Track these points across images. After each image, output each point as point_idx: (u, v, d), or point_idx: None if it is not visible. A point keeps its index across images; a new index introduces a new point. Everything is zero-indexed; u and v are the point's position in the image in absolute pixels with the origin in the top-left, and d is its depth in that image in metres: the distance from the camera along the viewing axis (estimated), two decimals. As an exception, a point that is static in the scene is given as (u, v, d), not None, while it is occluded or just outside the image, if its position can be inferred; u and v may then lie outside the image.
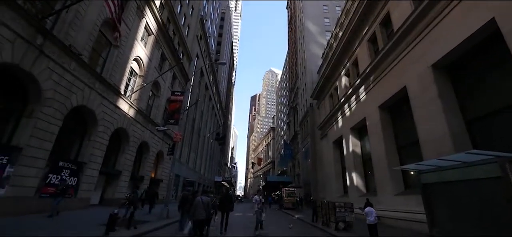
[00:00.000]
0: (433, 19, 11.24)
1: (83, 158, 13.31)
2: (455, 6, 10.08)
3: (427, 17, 11.61)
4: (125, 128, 16.93)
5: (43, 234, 6.84)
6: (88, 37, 13.04)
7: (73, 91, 11.98)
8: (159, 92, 23.27)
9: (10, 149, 9.07)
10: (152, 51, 21.01)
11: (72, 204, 12.13)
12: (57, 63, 10.87)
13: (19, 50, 9.16)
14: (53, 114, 10.76)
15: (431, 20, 11.36)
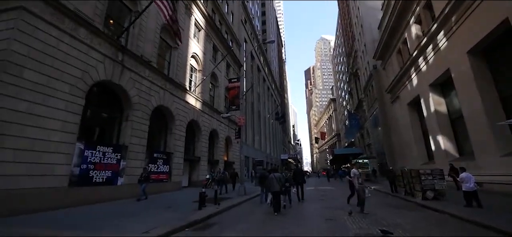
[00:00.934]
0: None
1: (169, 149, 15.77)
2: None
3: None
4: (196, 119, 19.02)
5: (152, 212, 8.48)
6: (153, 45, 14.87)
7: (151, 94, 14.06)
8: (217, 82, 24.91)
9: (120, 147, 11.52)
10: (204, 45, 22.44)
11: (168, 187, 14.73)
12: (136, 72, 12.87)
13: (109, 68, 11.23)
14: (141, 116, 12.97)
15: None
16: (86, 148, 9.67)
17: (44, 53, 8.49)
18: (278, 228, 6.84)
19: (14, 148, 7.21)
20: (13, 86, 7.48)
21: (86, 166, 9.53)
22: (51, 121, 8.34)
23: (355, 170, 9.38)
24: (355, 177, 8.97)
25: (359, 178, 8.85)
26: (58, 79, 8.84)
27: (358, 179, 8.80)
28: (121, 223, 6.61)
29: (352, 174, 9.37)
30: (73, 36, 9.60)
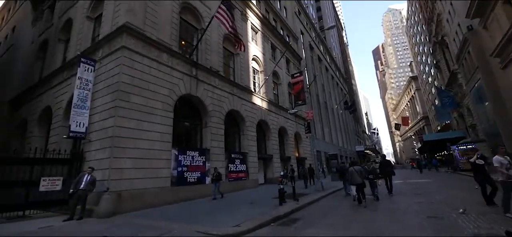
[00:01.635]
0: None
1: (244, 149, 16.72)
2: None
3: None
4: (264, 119, 19.53)
5: (238, 208, 9.02)
6: (218, 56, 16.12)
7: (222, 100, 15.23)
8: (279, 80, 24.93)
9: (204, 151, 12.95)
10: (262, 46, 22.87)
11: (247, 184, 15.59)
12: (208, 83, 14.21)
13: (187, 83, 12.79)
14: (217, 121, 14.22)
15: None
16: (179, 153, 11.28)
17: (141, 80, 10.37)
18: (369, 223, 6.06)
19: (131, 157, 9.04)
20: (124, 109, 9.41)
21: (181, 168, 11.12)
22: (152, 134, 10.09)
23: (500, 157, 6.40)
24: (502, 166, 6.20)
25: (508, 168, 6.13)
26: (153, 99, 10.63)
27: (508, 169, 6.10)
28: (213, 217, 7.26)
29: (496, 163, 6.38)
30: (159, 62, 11.39)
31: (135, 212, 8.20)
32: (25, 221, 7.01)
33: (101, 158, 8.67)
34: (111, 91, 9.65)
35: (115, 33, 10.38)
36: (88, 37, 12.91)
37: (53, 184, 7.66)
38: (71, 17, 14.18)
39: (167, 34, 12.43)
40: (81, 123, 9.14)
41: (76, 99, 9.39)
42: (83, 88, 9.72)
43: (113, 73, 9.97)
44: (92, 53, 11.22)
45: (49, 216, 7.73)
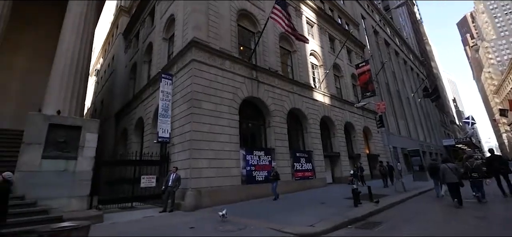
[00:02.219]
0: None
1: (308, 147, 16.22)
2: None
3: None
4: (327, 115, 18.49)
5: (309, 207, 8.72)
6: (275, 55, 16.14)
7: (283, 99, 15.16)
8: (341, 72, 23.16)
9: (269, 150, 13.17)
10: (320, 39, 21.71)
11: (314, 183, 15.02)
12: (268, 84, 14.40)
13: (249, 86, 13.28)
14: (279, 120, 14.24)
15: None
16: (247, 153, 11.81)
17: (210, 87, 11.35)
18: (475, 231, 4.82)
19: (206, 157, 9.98)
20: (198, 115, 10.47)
21: (249, 168, 11.60)
22: (223, 136, 10.89)
23: None
24: None
25: None
26: (221, 104, 11.48)
27: None
28: (284, 216, 7.20)
29: None
30: (223, 69, 12.24)
31: (213, 207, 8.97)
32: (132, 211, 8.66)
33: (183, 159, 9.90)
34: (186, 100, 10.93)
35: (185, 49, 11.72)
36: (165, 56, 15.06)
37: (150, 181, 9.23)
38: (151, 41, 16.84)
39: (227, 42, 13.25)
40: (165, 129, 10.69)
41: (161, 109, 11.04)
42: (165, 100, 11.33)
43: (186, 84, 11.26)
44: (169, 68, 12.99)
45: (148, 207, 9.33)
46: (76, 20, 12.59)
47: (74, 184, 7.56)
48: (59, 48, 11.78)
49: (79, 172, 7.73)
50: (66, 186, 7.39)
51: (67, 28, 12.31)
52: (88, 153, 8.15)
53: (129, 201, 9.25)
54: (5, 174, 5.18)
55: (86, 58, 12.57)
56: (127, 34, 21.74)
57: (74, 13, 12.74)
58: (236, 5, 14.64)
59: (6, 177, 5.14)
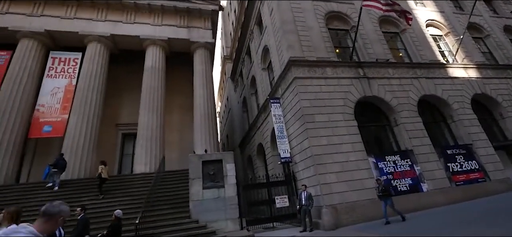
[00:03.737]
0: None
1: (461, 140, 12.18)
2: None
3: None
4: (481, 92, 13.58)
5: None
6: (380, 43, 13.86)
7: (406, 89, 12.47)
8: (483, 31, 16.95)
9: (405, 153, 10.81)
10: (434, 2, 17.08)
11: (488, 188, 10.71)
12: (380, 77, 12.39)
13: (358, 86, 11.86)
14: (408, 115, 11.68)
15: None
16: (377, 160, 10.21)
17: (317, 99, 10.98)
18: None
19: (333, 172, 9.34)
20: (313, 129, 10.20)
21: (386, 177, 9.86)
22: (344, 146, 10.01)
23: None
24: None
25: None
26: (333, 113, 10.79)
27: None
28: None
29: None
30: (325, 77, 11.68)
31: (354, 226, 8.03)
32: (274, 231, 9.13)
33: (309, 176, 9.72)
34: (297, 117, 11.01)
35: (285, 70, 12.13)
36: (267, 83, 16.27)
37: (283, 201, 9.58)
38: (253, 75, 18.81)
39: (323, 50, 12.72)
40: (285, 150, 11.06)
41: (277, 132, 11.64)
42: (279, 122, 11.91)
43: (294, 103, 11.44)
44: (274, 93, 13.79)
45: (287, 227, 9.57)
46: (201, 77, 16.03)
47: (226, 209, 8.88)
48: (195, 102, 15.24)
49: (228, 197, 9.07)
50: (222, 211, 8.79)
51: (196, 84, 15.86)
52: (230, 180, 9.51)
53: (270, 222, 9.88)
54: (116, 212, 6.18)
55: (212, 105, 15.54)
56: (233, 75, 25.62)
57: (198, 72, 16.33)
58: (322, 10, 14.14)
59: (117, 215, 6.08)
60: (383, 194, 8.10)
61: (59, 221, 1.69)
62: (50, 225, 1.65)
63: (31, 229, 1.53)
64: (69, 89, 14.19)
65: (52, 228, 1.66)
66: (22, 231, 1.51)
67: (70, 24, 15.59)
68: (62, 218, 1.70)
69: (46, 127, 12.96)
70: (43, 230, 1.60)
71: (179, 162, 14.61)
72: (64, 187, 10.60)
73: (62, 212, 1.69)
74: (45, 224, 1.64)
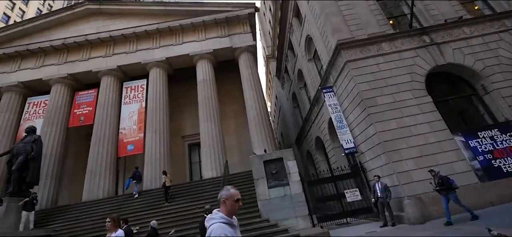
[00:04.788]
0: None
1: None
2: None
3: None
4: None
5: None
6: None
7: (492, 47, 10.22)
8: None
9: (506, 125, 8.72)
10: None
11: None
12: (453, 40, 10.55)
13: (426, 56, 10.27)
14: (503, 77, 9.51)
15: None
16: (467, 138, 8.61)
17: (376, 80, 9.96)
18: None
19: (410, 157, 8.28)
20: (377, 114, 9.26)
21: (483, 157, 8.23)
22: (419, 127, 8.78)
23: None
24: None
25: None
26: (398, 92, 9.59)
27: None
28: None
29: None
30: (382, 54, 10.50)
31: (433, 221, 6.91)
32: (349, 227, 8.61)
33: (381, 166, 8.85)
34: (356, 104, 10.18)
35: (334, 56, 11.38)
36: (316, 74, 15.59)
37: (354, 194, 8.96)
38: (299, 68, 18.30)
39: (374, 25, 11.46)
40: (348, 140, 10.36)
41: (335, 122, 11.00)
42: (336, 112, 11.24)
43: (350, 88, 10.62)
44: (325, 82, 13.10)
45: (362, 222, 8.94)
46: (248, 80, 16.43)
47: (294, 206, 8.81)
48: (247, 105, 15.72)
49: (294, 195, 8.98)
50: (290, 208, 8.76)
51: (245, 88, 16.32)
52: (294, 177, 9.41)
53: (342, 217, 9.39)
54: (152, 223, 6.72)
55: (263, 104, 15.75)
56: (279, 73, 25.51)
57: (245, 75, 16.77)
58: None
59: (153, 226, 6.59)
60: (441, 188, 6.77)
61: (235, 203, 1.94)
62: (228, 206, 1.93)
63: (221, 214, 1.88)
64: (141, 111, 16.40)
65: (232, 208, 1.93)
66: (215, 217, 1.87)
67: (134, 56, 18.06)
68: (237, 199, 1.95)
69: (129, 146, 15.30)
70: (227, 212, 1.91)
71: (240, 164, 15.30)
72: (146, 195, 12.34)
73: (232, 194, 1.95)
74: (223, 205, 1.95)
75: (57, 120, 15.83)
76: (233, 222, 1.90)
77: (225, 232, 1.76)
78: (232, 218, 1.91)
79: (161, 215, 10.04)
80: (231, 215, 1.91)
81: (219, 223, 1.83)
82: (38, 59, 18.36)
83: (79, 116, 16.69)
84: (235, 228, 1.89)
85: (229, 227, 1.83)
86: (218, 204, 2.00)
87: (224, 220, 1.84)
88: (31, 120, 16.55)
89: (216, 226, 1.81)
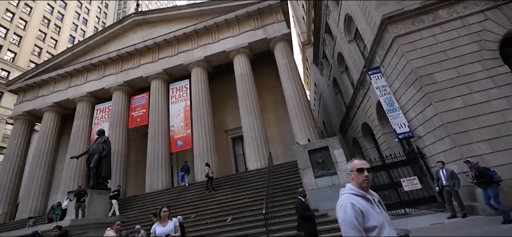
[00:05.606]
0: None
1: None
2: None
3: None
4: None
5: None
6: None
7: None
8: None
9: None
10: None
11: None
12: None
13: (498, 17, 8.66)
14: None
15: None
16: None
17: (434, 54, 8.82)
18: None
19: (482, 139, 7.20)
20: (436, 92, 8.23)
21: None
22: (493, 103, 7.55)
23: None
24: None
25: None
26: (463, 64, 8.37)
27: None
28: None
29: None
30: (440, 22, 9.26)
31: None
32: (409, 218, 7.98)
33: (444, 150, 7.91)
34: (410, 83, 9.20)
35: (379, 33, 10.37)
36: (358, 56, 14.48)
37: (412, 183, 8.23)
38: (339, 51, 17.22)
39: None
40: (402, 124, 9.47)
41: (385, 105, 10.14)
42: (385, 94, 10.34)
43: (400, 67, 9.62)
44: (370, 63, 12.08)
45: (424, 213, 8.18)
46: (285, 70, 16.18)
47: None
48: (286, 95, 15.57)
49: (343, 184, 8.65)
50: (340, 198, 8.48)
51: (283, 78, 16.13)
52: (342, 166, 9.07)
53: (399, 207, 8.75)
54: (178, 217, 6.88)
55: (303, 93, 15.40)
56: (316, 59, 24.49)
57: (282, 65, 16.55)
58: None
59: (179, 221, 6.68)
60: (480, 181, 5.91)
61: (358, 174, 1.89)
62: (354, 178, 1.92)
63: (350, 186, 1.92)
64: (186, 109, 17.63)
65: (357, 179, 1.89)
66: (345, 188, 1.93)
67: (176, 59, 19.36)
68: (360, 169, 1.89)
69: (179, 142, 16.68)
70: (356, 185, 1.90)
71: (283, 155, 15.35)
72: (198, 186, 13.37)
73: (354, 165, 1.95)
74: (351, 179, 1.98)
75: (119, 123, 18.11)
76: (366, 194, 1.83)
77: (351, 200, 1.75)
78: (366, 192, 1.84)
79: (214, 205, 10.80)
80: (360, 187, 1.85)
81: (346, 193, 1.85)
82: (99, 71, 21.11)
83: (136, 117, 18.79)
84: (372, 203, 1.80)
85: (361, 198, 1.78)
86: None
87: (353, 191, 1.83)
88: (99, 124, 19.27)
89: (343, 197, 1.84)
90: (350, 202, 1.74)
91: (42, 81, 21.94)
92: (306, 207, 5.91)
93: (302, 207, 5.82)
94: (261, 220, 8.04)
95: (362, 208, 1.72)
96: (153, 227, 4.29)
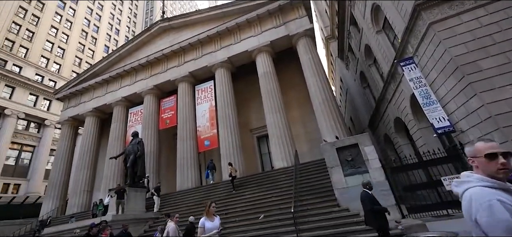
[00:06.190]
0: None
1: None
2: None
3: None
4: None
5: None
6: None
7: None
8: None
9: None
10: None
11: None
12: None
13: None
14: None
15: None
16: None
17: (477, 39, 8.07)
18: None
19: (541, 133, 6.36)
20: (482, 81, 7.50)
21: None
22: (555, 90, 6.62)
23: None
24: None
25: None
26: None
27: None
28: None
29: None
30: (482, 5, 8.38)
31: None
32: (451, 220, 7.36)
33: (493, 145, 7.15)
34: (449, 72, 8.46)
35: (411, 21, 9.67)
36: (388, 46, 13.64)
37: (455, 182, 7.55)
38: (367, 43, 16.38)
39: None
40: (440, 117, 8.75)
41: (421, 99, 9.45)
42: (420, 86, 9.63)
43: (437, 56, 8.88)
44: (402, 54, 11.32)
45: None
46: (309, 66, 15.83)
47: (377, 195, 8.10)
48: (310, 92, 15.25)
49: (376, 183, 8.25)
50: (372, 197, 8.10)
51: (307, 75, 15.81)
52: (374, 164, 8.64)
53: (441, 208, 8.11)
54: (190, 218, 7.01)
55: (328, 89, 14.96)
56: (341, 53, 23.61)
57: (305, 61, 16.21)
58: None
59: (190, 221, 6.87)
60: None
61: (487, 162, 1.46)
62: (480, 166, 1.50)
63: (478, 176, 1.46)
64: (212, 109, 18.14)
65: (486, 168, 1.46)
66: (471, 179, 1.48)
67: (200, 61, 19.99)
68: (490, 154, 1.46)
69: (206, 142, 17.24)
70: (485, 174, 1.45)
71: (309, 153, 15.09)
72: (226, 185, 13.67)
73: (479, 149, 1.50)
74: (475, 168, 1.54)
75: (151, 125, 19.25)
76: (507, 186, 1.38)
77: (497, 197, 1.30)
78: (502, 182, 1.39)
79: (242, 203, 11.00)
80: (492, 177, 1.41)
81: (478, 187, 1.39)
82: (132, 77, 22.62)
83: (165, 119, 19.82)
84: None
85: (502, 192, 1.34)
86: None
87: (487, 183, 1.38)
88: (133, 126, 20.69)
89: (475, 191, 1.39)
90: (497, 198, 1.29)
91: (83, 88, 24.15)
92: (375, 200, 5.45)
93: (370, 200, 5.42)
94: (290, 219, 8.00)
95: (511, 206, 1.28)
96: (201, 221, 4.47)
